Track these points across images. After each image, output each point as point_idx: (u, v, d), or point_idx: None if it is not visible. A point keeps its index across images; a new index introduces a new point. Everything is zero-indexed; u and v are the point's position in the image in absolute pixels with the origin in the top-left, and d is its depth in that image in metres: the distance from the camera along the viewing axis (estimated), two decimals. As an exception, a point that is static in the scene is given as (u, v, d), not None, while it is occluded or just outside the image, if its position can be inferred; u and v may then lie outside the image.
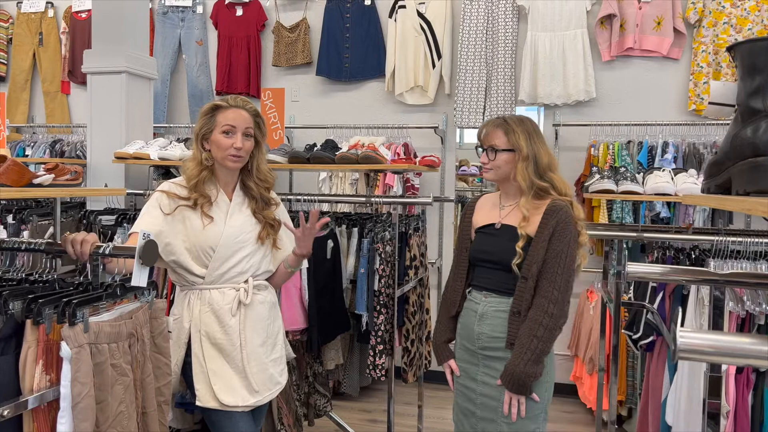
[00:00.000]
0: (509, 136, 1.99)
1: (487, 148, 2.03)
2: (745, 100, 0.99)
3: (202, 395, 1.91)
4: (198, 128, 1.98)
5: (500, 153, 2.00)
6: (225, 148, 1.94)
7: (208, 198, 1.95)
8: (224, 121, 1.95)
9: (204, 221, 1.92)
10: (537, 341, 1.86)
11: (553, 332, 1.88)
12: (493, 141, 2.02)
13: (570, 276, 1.91)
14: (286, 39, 4.76)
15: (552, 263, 1.90)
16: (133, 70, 3.44)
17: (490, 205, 2.14)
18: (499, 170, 2.02)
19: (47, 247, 1.58)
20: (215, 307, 1.93)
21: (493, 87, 4.30)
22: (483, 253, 2.05)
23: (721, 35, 3.96)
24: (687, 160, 3.80)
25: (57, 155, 4.79)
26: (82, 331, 1.40)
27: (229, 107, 1.97)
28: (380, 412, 3.93)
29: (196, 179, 1.94)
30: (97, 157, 3.43)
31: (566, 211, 1.94)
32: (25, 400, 1.35)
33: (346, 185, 4.35)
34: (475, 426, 2.03)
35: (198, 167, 1.95)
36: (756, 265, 2.19)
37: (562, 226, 1.91)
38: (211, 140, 1.96)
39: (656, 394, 2.67)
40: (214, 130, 1.95)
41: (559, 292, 1.88)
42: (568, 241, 1.91)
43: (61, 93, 5.32)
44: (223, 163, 1.97)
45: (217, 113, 1.96)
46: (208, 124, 1.96)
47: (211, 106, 1.98)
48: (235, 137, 1.94)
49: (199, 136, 1.98)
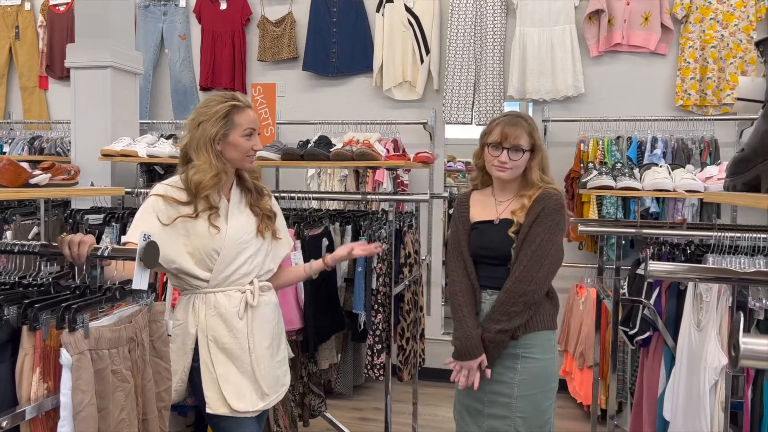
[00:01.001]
0: (532, 135, 2.01)
1: (510, 148, 1.99)
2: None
3: (212, 402, 1.86)
4: (213, 132, 1.84)
5: (526, 153, 2.01)
6: (246, 150, 1.89)
7: (216, 209, 1.87)
8: (246, 124, 1.88)
9: (211, 231, 1.85)
10: (495, 319, 1.94)
11: (507, 309, 1.92)
12: (519, 141, 1.99)
13: (542, 257, 1.92)
14: (272, 33, 4.69)
15: (525, 245, 1.94)
16: (119, 64, 3.35)
17: (484, 201, 2.13)
18: (518, 169, 2.03)
19: (42, 250, 1.51)
20: (222, 311, 1.88)
21: (481, 82, 4.29)
22: (483, 249, 2.05)
23: (707, 31, 3.98)
24: (676, 156, 3.82)
25: (36, 152, 4.66)
26: (82, 337, 1.34)
27: (245, 107, 1.90)
28: (372, 410, 3.90)
29: (211, 190, 1.85)
30: (81, 155, 3.33)
31: (556, 200, 1.97)
32: (23, 410, 1.29)
33: (335, 182, 4.31)
34: (481, 425, 2.03)
35: (216, 177, 1.84)
36: (754, 260, 2.20)
37: (546, 213, 1.94)
38: (227, 142, 1.87)
39: (652, 390, 2.67)
40: (232, 132, 1.87)
41: (522, 270, 1.92)
42: (548, 227, 1.94)
43: (39, 88, 5.19)
44: (242, 165, 1.92)
45: (235, 114, 1.87)
46: (225, 127, 1.86)
47: (228, 108, 1.86)
48: (254, 138, 1.90)
49: (214, 140, 1.85)
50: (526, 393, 1.96)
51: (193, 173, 1.84)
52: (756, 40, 1.08)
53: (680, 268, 1.52)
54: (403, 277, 2.95)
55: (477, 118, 4.33)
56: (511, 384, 1.96)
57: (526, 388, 1.96)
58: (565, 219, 1.99)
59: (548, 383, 1.99)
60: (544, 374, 1.99)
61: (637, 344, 2.71)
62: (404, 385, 3.46)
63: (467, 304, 2.03)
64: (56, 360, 1.33)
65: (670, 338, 2.53)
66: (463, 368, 1.99)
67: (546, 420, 1.99)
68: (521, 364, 1.97)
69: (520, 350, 1.98)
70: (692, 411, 2.27)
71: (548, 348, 2.01)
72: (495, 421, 1.99)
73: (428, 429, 3.62)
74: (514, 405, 1.95)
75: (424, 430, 3.57)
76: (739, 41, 3.93)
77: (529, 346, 1.98)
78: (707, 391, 2.18)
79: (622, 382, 3.46)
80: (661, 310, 2.59)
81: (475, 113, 4.34)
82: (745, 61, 3.92)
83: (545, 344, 2.01)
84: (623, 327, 2.68)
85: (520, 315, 1.93)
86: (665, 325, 2.55)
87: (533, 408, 1.96)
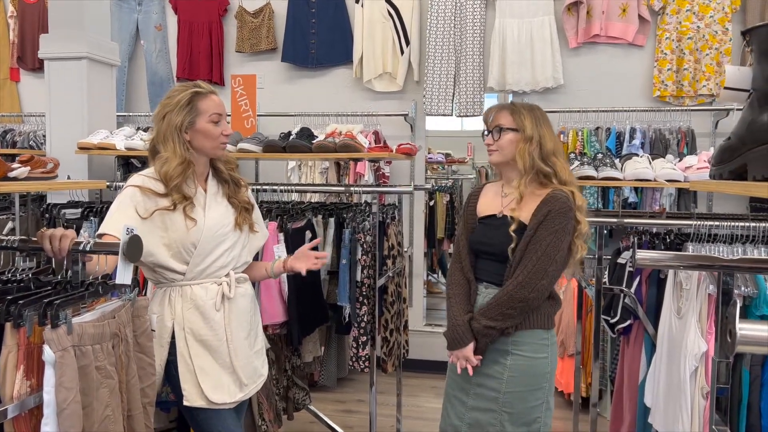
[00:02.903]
0: (515, 116, 1.99)
1: (492, 129, 2.02)
2: (763, 85, 0.98)
3: (190, 394, 1.84)
4: (178, 121, 1.82)
5: (505, 132, 1.98)
6: (215, 137, 1.87)
7: (190, 199, 1.84)
8: (212, 109, 1.86)
9: (188, 223, 1.82)
10: (489, 316, 1.91)
11: (504, 310, 1.89)
12: (499, 121, 2.01)
13: (547, 264, 1.88)
14: (250, 24, 4.64)
15: (531, 248, 1.89)
16: (95, 56, 3.28)
17: (492, 194, 2.11)
18: (504, 151, 2.00)
19: (21, 245, 1.48)
20: (198, 303, 1.86)
21: (461, 74, 4.29)
22: (482, 244, 2.03)
23: (684, 22, 4.03)
24: (654, 146, 3.87)
25: (8, 146, 4.56)
26: (65, 333, 1.31)
27: (208, 93, 1.88)
28: (355, 402, 3.90)
29: (179, 179, 1.81)
30: (57, 148, 3.26)
31: (563, 202, 1.91)
32: (5, 409, 1.26)
33: (316, 174, 4.28)
34: (462, 416, 2.02)
35: (181, 165, 1.81)
36: (732, 248, 2.23)
37: (553, 216, 1.89)
38: (195, 130, 1.85)
39: (633, 377, 2.71)
40: (198, 119, 1.85)
41: (526, 276, 1.87)
42: (554, 231, 1.88)
43: (10, 80, 5.07)
44: (213, 153, 1.90)
45: (198, 101, 1.85)
46: (191, 114, 1.84)
47: (189, 95, 1.85)
48: (222, 124, 1.88)
49: (180, 129, 1.83)
50: (514, 389, 1.94)
51: (160, 165, 1.82)
52: (742, 30, 1.09)
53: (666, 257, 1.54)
54: (387, 269, 2.95)
55: (457, 109, 4.33)
56: (500, 379, 1.94)
57: (514, 384, 1.94)
58: (572, 222, 1.93)
59: (538, 382, 1.94)
60: (533, 373, 1.94)
61: (617, 332, 2.74)
62: (388, 377, 3.46)
63: (456, 295, 2.03)
64: (39, 357, 1.31)
65: (651, 326, 2.56)
66: (459, 358, 1.98)
67: (535, 418, 1.95)
68: (511, 360, 1.94)
69: (510, 347, 1.95)
70: (673, 397, 2.31)
71: (540, 347, 1.96)
72: (479, 414, 1.97)
73: (412, 420, 3.63)
74: (502, 400, 1.93)
75: (408, 421, 3.58)
76: (715, 33, 3.98)
77: (519, 343, 1.95)
78: (687, 378, 2.21)
79: (602, 370, 3.51)
80: (642, 298, 2.62)
81: (456, 105, 4.34)
82: (721, 52, 3.97)
83: (536, 343, 1.96)
84: (604, 316, 2.71)
85: (514, 318, 1.91)
86: (645, 314, 2.58)
87: (521, 405, 1.93)
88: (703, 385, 2.19)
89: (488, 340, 1.94)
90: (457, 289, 2.04)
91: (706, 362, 2.18)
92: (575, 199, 1.95)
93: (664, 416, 2.37)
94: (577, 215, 1.94)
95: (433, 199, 5.64)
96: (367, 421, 2.98)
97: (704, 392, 2.19)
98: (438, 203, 5.78)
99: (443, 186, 6.12)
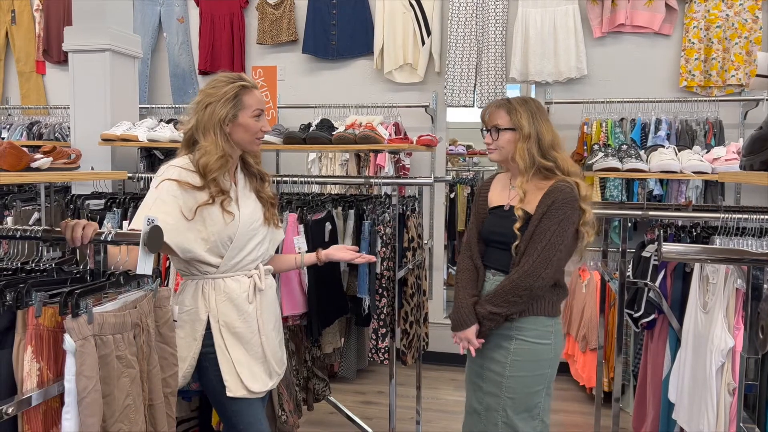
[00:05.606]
0: (511, 115, 2.03)
1: (490, 129, 2.06)
2: (797, 73, 0.94)
3: (232, 385, 1.87)
4: (222, 113, 1.81)
5: (503, 132, 2.03)
6: (255, 131, 1.88)
7: (227, 193, 1.84)
8: (255, 105, 1.87)
9: (225, 218, 1.82)
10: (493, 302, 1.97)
11: (509, 298, 1.94)
12: (496, 121, 2.06)
13: (551, 253, 1.92)
14: (271, 16, 4.63)
15: (536, 238, 1.93)
16: (117, 48, 3.31)
17: (501, 186, 2.17)
18: (503, 150, 2.06)
19: (45, 235, 1.49)
20: (233, 296, 1.88)
21: (483, 64, 4.24)
22: (492, 233, 2.09)
23: (712, 11, 3.93)
24: (680, 137, 3.79)
25: (35, 138, 4.62)
26: (86, 322, 1.32)
27: (252, 87, 1.88)
28: (374, 393, 3.91)
29: (218, 172, 1.81)
30: (81, 139, 3.30)
31: (567, 192, 1.95)
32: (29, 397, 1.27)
33: (336, 166, 4.27)
34: (481, 400, 2.09)
35: (222, 159, 1.81)
36: (762, 242, 2.17)
37: (557, 206, 1.93)
38: (236, 124, 1.84)
39: (656, 372, 2.67)
40: (241, 113, 1.84)
41: (531, 265, 1.92)
42: (559, 221, 1.92)
43: (36, 73, 5.13)
44: (250, 147, 1.91)
45: (244, 95, 1.84)
46: (235, 108, 1.83)
47: (236, 89, 1.84)
48: (262, 119, 1.89)
49: (224, 122, 1.82)
50: (517, 374, 2.00)
51: (199, 156, 1.81)
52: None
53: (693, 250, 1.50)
54: (407, 261, 2.93)
55: (479, 100, 4.29)
56: (504, 363, 2.01)
57: (517, 369, 2.00)
58: (577, 212, 1.96)
59: (541, 368, 2.00)
60: (536, 359, 2.01)
61: (641, 327, 2.70)
62: (407, 369, 3.46)
63: (463, 280, 2.11)
64: (50, 340, 1.32)
65: (676, 320, 2.52)
66: (462, 339, 2.05)
67: (535, 404, 2.01)
68: (514, 345, 2.01)
69: (514, 332, 2.01)
70: (698, 393, 2.26)
71: (544, 334, 2.01)
72: (490, 399, 2.04)
73: (431, 412, 3.62)
74: (505, 384, 2.00)
75: (428, 413, 3.58)
76: (744, 21, 3.88)
77: (523, 329, 2.00)
78: (713, 374, 2.17)
79: (625, 365, 3.47)
80: (667, 292, 2.58)
81: (477, 96, 4.30)
82: (750, 41, 3.87)
83: (541, 329, 2.01)
84: (628, 310, 2.67)
85: (519, 305, 1.97)
86: (670, 308, 2.54)
87: (523, 390, 1.99)
88: (729, 381, 2.14)
89: (492, 324, 2.00)
90: (464, 275, 2.12)
91: (732, 358, 2.13)
92: (580, 189, 1.98)
93: (689, 412, 2.33)
94: (582, 205, 1.98)
95: (453, 192, 5.60)
96: (386, 412, 2.98)
97: (731, 388, 2.14)
98: (459, 195, 5.74)
99: (464, 178, 6.07)
